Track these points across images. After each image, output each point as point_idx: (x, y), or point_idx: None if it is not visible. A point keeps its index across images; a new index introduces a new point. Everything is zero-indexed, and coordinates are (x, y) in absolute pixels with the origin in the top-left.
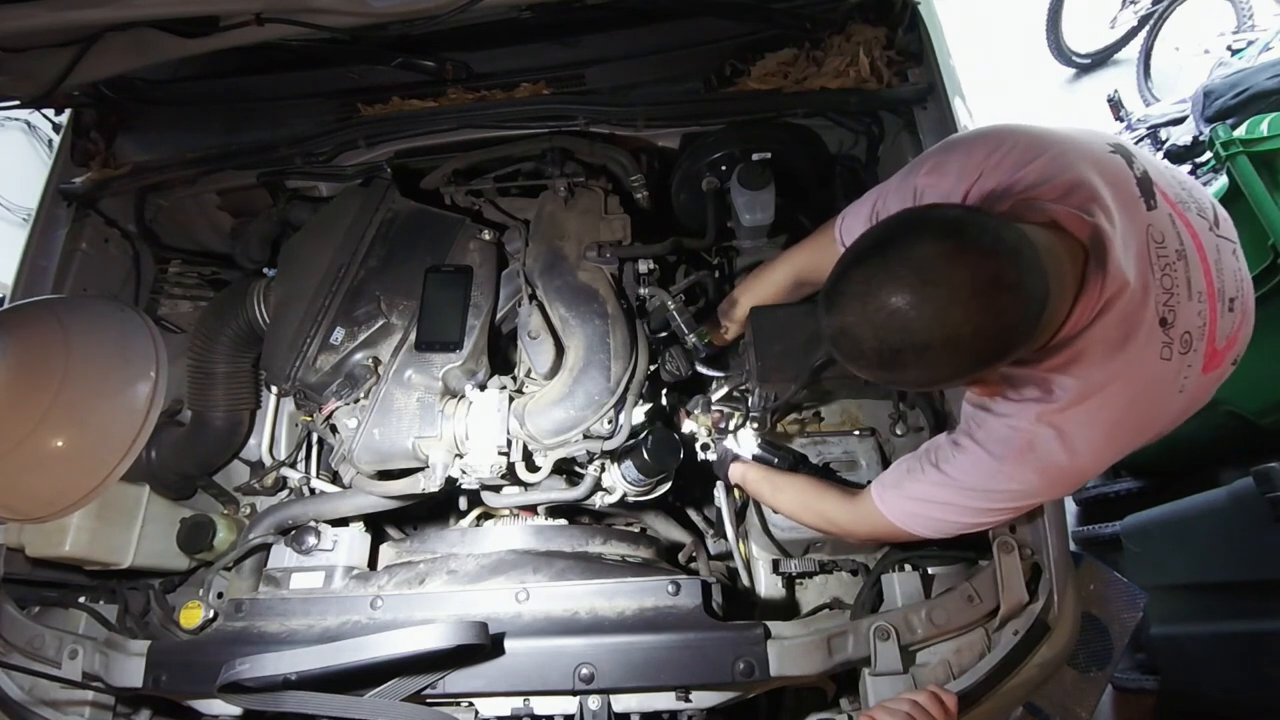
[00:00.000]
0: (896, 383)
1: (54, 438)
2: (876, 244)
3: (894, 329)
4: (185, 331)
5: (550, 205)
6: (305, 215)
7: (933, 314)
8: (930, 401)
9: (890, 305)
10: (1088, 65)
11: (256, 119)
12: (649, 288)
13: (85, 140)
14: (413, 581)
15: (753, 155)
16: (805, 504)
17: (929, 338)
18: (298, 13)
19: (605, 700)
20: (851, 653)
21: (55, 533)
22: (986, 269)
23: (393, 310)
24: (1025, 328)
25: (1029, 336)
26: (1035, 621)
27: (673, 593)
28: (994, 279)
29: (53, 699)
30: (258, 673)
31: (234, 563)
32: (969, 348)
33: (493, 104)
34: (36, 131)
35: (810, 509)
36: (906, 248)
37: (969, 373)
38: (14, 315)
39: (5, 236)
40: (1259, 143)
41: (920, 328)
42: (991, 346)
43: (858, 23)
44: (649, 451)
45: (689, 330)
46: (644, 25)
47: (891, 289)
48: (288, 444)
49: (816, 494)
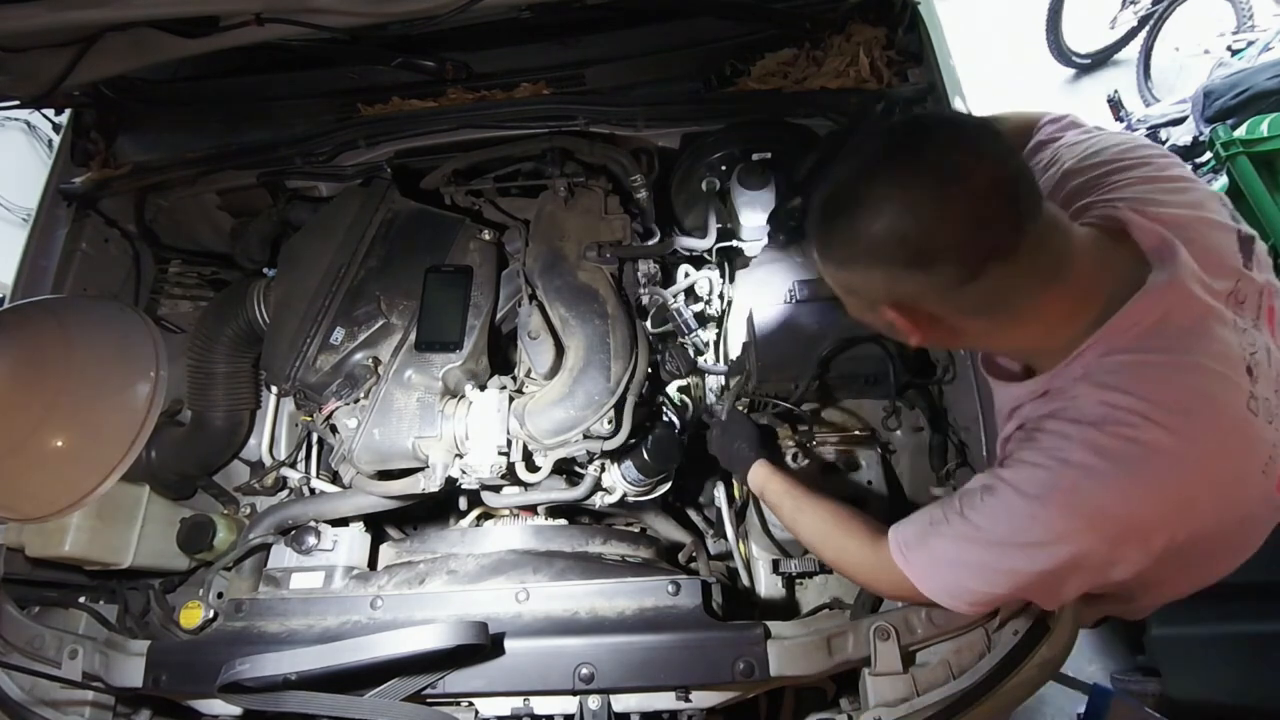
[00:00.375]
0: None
1: (54, 438)
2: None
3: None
4: (185, 331)
5: (550, 205)
6: (305, 215)
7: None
8: (930, 401)
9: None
10: (1088, 65)
11: (256, 119)
12: (649, 287)
13: (85, 140)
14: (413, 581)
15: (753, 155)
16: (825, 536)
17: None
18: (298, 13)
19: (605, 700)
20: (851, 653)
21: (55, 533)
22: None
23: (393, 310)
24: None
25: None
26: (1035, 622)
27: (673, 593)
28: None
29: (53, 699)
30: (258, 673)
31: (234, 563)
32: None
33: (493, 104)
34: (36, 131)
35: (830, 543)
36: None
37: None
38: (14, 315)
39: (5, 236)
40: (1259, 143)
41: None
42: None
43: (858, 23)
44: (649, 451)
45: (689, 330)
46: (644, 25)
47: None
48: (288, 444)
49: (840, 528)
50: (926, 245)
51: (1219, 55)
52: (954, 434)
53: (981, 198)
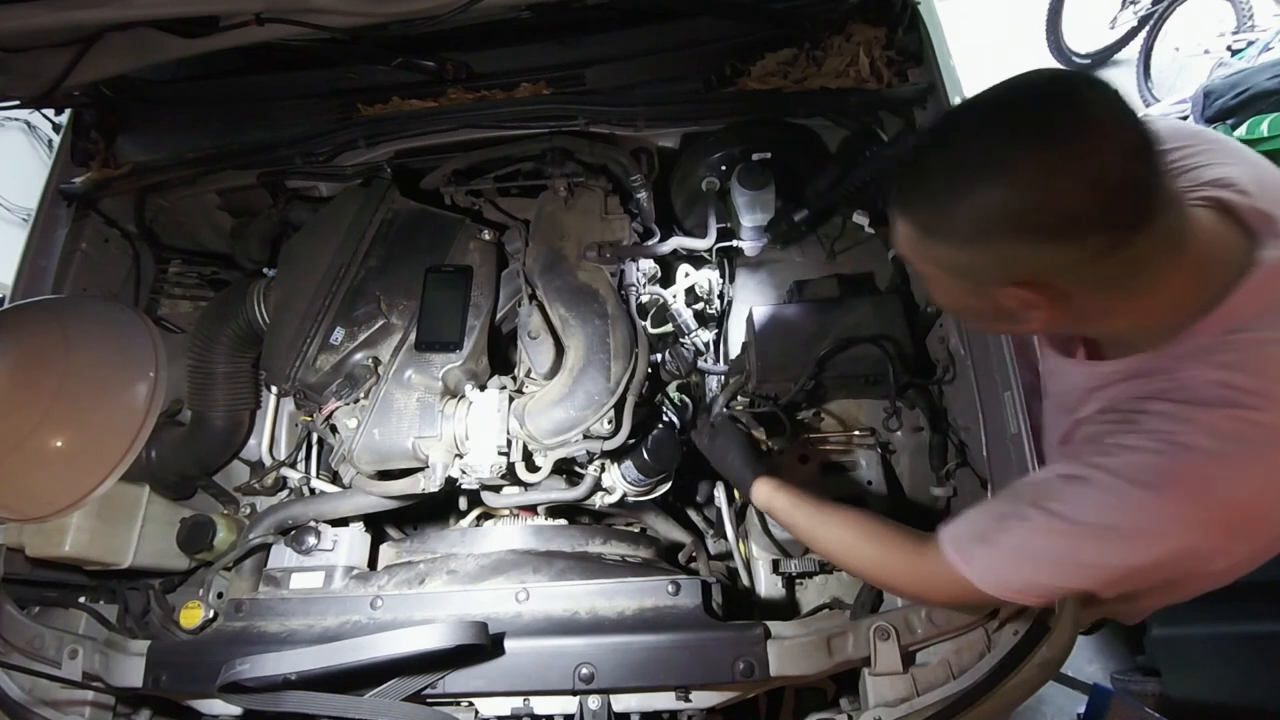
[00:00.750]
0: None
1: (54, 438)
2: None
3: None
4: (185, 331)
5: (550, 205)
6: (305, 215)
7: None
8: (930, 401)
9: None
10: (1088, 65)
11: (256, 119)
12: (649, 287)
13: (85, 140)
14: (413, 581)
15: (753, 155)
16: (854, 548)
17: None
18: (298, 13)
19: (605, 700)
20: (851, 653)
21: (55, 533)
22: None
23: (393, 310)
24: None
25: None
26: (1035, 622)
27: (673, 593)
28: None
29: (53, 699)
30: (258, 673)
31: (234, 563)
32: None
33: (493, 104)
34: (36, 131)
35: (861, 555)
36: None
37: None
38: (14, 315)
39: (5, 236)
40: (1259, 143)
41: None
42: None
43: (858, 23)
44: (649, 451)
45: (689, 330)
46: (644, 25)
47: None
48: (288, 444)
49: (871, 538)
50: (1079, 212)
51: (1219, 55)
52: (954, 434)
53: (1130, 158)
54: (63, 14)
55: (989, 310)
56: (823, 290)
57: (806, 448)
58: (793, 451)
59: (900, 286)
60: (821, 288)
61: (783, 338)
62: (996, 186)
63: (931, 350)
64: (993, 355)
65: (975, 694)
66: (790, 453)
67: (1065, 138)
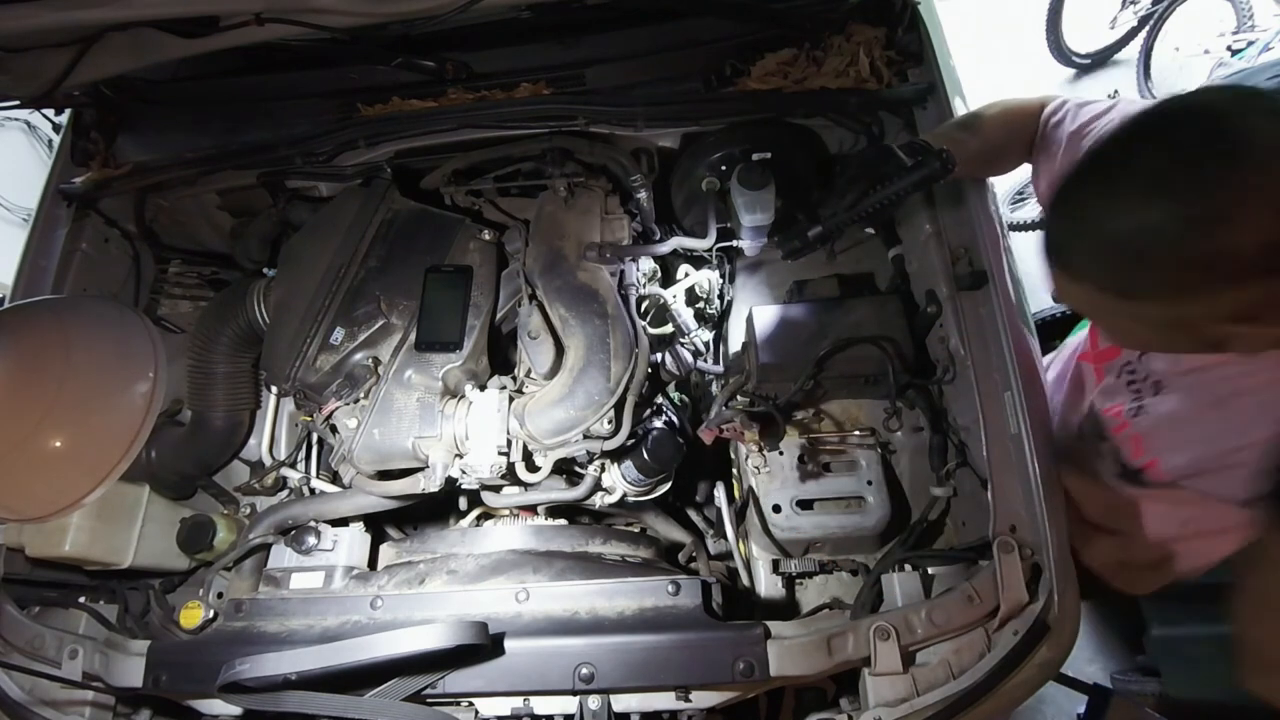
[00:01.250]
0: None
1: (54, 438)
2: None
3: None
4: (185, 331)
5: (550, 205)
6: (305, 215)
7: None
8: (930, 401)
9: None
10: (1088, 65)
11: (256, 119)
12: (649, 287)
13: (85, 140)
14: (413, 581)
15: (753, 155)
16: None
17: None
18: (298, 13)
19: (605, 700)
20: (851, 653)
21: (55, 533)
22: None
23: (393, 310)
24: None
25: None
26: (1035, 622)
27: (673, 593)
28: None
29: (53, 699)
30: (258, 673)
31: (234, 563)
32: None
33: (493, 104)
34: (36, 131)
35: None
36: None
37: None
38: (14, 315)
39: (5, 236)
40: None
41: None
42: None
43: (858, 23)
44: (649, 451)
45: (688, 330)
46: (644, 25)
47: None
48: (288, 444)
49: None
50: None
51: (1219, 55)
52: (954, 434)
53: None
54: (63, 14)
55: (1207, 347)
56: (823, 290)
57: (806, 448)
58: (793, 452)
59: (900, 286)
60: (821, 288)
61: (782, 338)
62: (1217, 237)
63: (931, 350)
64: (993, 355)
65: (975, 694)
66: (790, 453)
67: (1243, 176)
